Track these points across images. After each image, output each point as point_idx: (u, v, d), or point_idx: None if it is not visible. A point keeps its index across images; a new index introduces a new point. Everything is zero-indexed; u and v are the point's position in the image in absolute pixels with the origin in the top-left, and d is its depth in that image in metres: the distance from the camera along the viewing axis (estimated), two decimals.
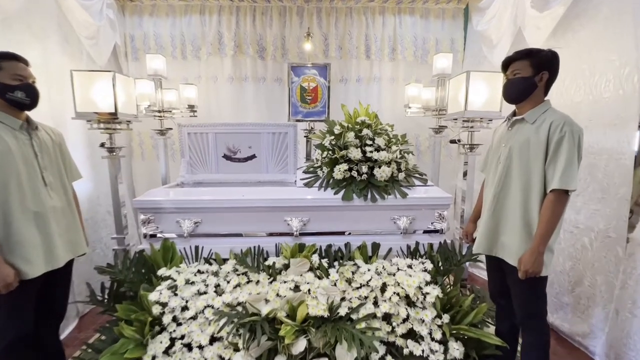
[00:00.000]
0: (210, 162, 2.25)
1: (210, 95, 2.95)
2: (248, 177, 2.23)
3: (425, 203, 1.79)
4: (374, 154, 1.83)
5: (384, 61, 2.99)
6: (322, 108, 2.67)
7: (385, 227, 1.81)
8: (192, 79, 2.94)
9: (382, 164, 1.82)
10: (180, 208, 1.73)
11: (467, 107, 1.71)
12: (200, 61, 2.94)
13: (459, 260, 1.70)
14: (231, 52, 2.89)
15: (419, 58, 3.04)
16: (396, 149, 1.89)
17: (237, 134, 2.23)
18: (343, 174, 1.80)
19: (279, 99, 2.97)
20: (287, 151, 2.26)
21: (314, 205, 1.75)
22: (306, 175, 1.94)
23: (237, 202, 1.74)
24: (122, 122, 1.77)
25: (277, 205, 1.74)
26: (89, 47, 2.34)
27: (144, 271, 1.69)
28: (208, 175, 2.24)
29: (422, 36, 3.04)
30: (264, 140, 2.24)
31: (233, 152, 2.26)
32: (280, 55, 2.96)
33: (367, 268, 1.62)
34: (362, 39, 2.96)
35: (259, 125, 2.23)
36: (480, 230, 1.35)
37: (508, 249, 1.25)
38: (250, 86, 2.95)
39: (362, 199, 1.75)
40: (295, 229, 1.75)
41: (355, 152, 1.83)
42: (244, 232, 1.77)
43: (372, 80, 3.01)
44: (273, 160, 2.27)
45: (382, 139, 1.91)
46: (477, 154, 1.93)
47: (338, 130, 1.98)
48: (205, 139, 2.22)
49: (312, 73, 2.66)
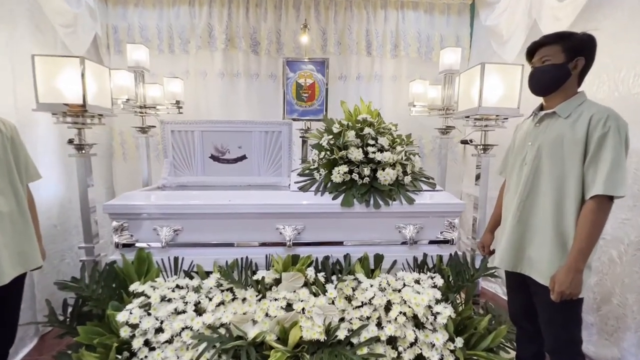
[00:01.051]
0: (195, 163, 2.08)
1: (198, 92, 2.78)
2: (237, 180, 2.06)
3: (434, 210, 1.63)
4: (377, 155, 1.67)
5: (385, 58, 2.85)
6: (319, 106, 2.51)
7: (389, 236, 1.65)
8: (179, 74, 2.77)
9: (385, 166, 1.66)
10: (158, 214, 1.56)
11: (481, 103, 1.55)
12: (188, 55, 2.78)
13: (472, 274, 1.53)
14: (222, 46, 2.73)
15: (423, 55, 2.90)
16: (401, 150, 1.74)
17: (225, 132, 2.07)
18: (342, 177, 1.63)
19: (274, 97, 2.81)
20: (280, 152, 2.09)
21: (310, 212, 1.59)
22: (301, 178, 1.77)
23: (222, 208, 1.57)
24: (94, 117, 1.59)
25: (268, 211, 1.57)
26: (65, 36, 2.17)
27: (114, 286, 1.51)
28: (193, 178, 2.06)
29: (426, 32, 2.91)
30: (255, 140, 2.08)
31: (221, 152, 2.09)
32: (275, 50, 2.81)
33: (369, 283, 1.45)
34: (362, 34, 2.82)
35: (250, 123, 2.06)
36: (502, 242, 1.19)
37: (537, 265, 1.09)
38: (242, 82, 2.79)
39: (363, 205, 1.59)
40: (288, 238, 1.57)
41: (356, 153, 1.67)
42: (230, 241, 1.59)
43: (373, 78, 2.86)
44: (265, 161, 2.10)
45: (386, 139, 1.75)
46: (491, 156, 1.77)
47: (337, 128, 1.82)
48: (190, 137, 2.05)
49: (309, 69, 2.51)
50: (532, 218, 1.10)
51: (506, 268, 1.18)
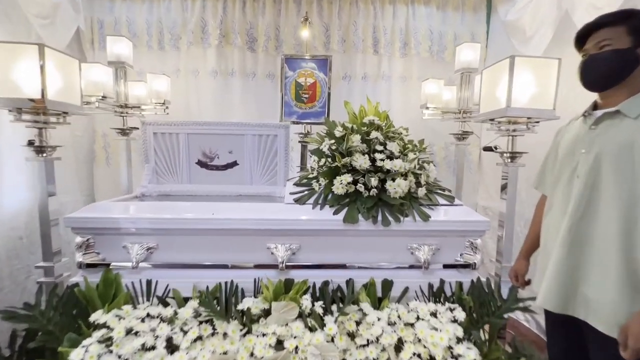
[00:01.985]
0: (180, 169, 1.89)
1: (189, 91, 2.61)
2: (227, 189, 1.87)
3: (452, 228, 1.42)
4: (386, 163, 1.46)
5: (394, 57, 2.67)
6: (320, 108, 2.32)
7: (399, 258, 1.44)
8: (169, 72, 2.59)
9: (396, 175, 1.45)
10: (129, 228, 1.35)
11: (510, 103, 1.35)
12: (179, 52, 2.61)
13: (499, 306, 1.31)
14: (216, 42, 2.56)
15: (435, 54, 2.72)
16: (414, 157, 1.53)
17: (214, 135, 1.88)
18: (345, 188, 1.43)
19: (271, 98, 2.62)
20: (276, 158, 1.90)
21: (307, 229, 1.38)
22: (297, 188, 1.56)
23: (204, 223, 1.36)
24: (59, 115, 1.40)
25: (258, 227, 1.37)
26: (41, 28, 2.00)
27: (75, 313, 1.30)
28: (177, 186, 1.87)
29: (439, 30, 2.73)
30: (248, 144, 1.88)
31: (209, 157, 1.90)
32: (274, 47, 2.63)
33: (376, 316, 1.24)
34: (369, 30, 2.64)
35: (242, 125, 1.87)
36: (547, 276, 0.97)
37: (596, 308, 0.87)
38: (237, 82, 2.61)
39: (370, 221, 1.38)
40: (280, 259, 1.36)
41: (362, 160, 1.47)
42: (213, 262, 1.39)
43: (380, 78, 2.67)
44: (259, 168, 1.90)
45: (396, 145, 1.55)
46: (519, 165, 1.56)
47: (340, 132, 1.62)
48: (174, 140, 1.87)
49: (310, 67, 2.32)
50: (589, 247, 0.88)
51: (553, 309, 0.96)
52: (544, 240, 1.03)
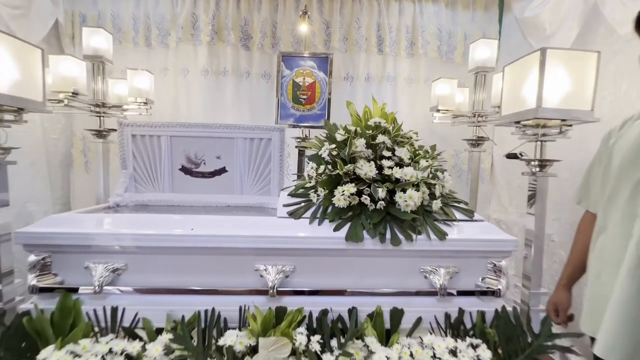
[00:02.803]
0: (162, 176, 1.71)
1: (178, 92, 2.44)
2: (214, 199, 1.69)
3: (473, 248, 1.24)
4: (395, 171, 1.29)
5: (400, 57, 2.51)
6: (320, 111, 2.16)
7: (411, 283, 1.25)
8: (156, 70, 2.43)
9: (407, 186, 1.28)
10: (93, 246, 1.17)
11: (541, 102, 1.17)
12: (168, 49, 2.45)
13: (530, 342, 1.12)
14: (207, 39, 2.40)
15: (444, 55, 2.57)
16: (427, 165, 1.35)
17: (201, 138, 1.71)
18: (348, 200, 1.25)
19: (266, 100, 2.46)
20: (270, 165, 1.73)
21: (303, 248, 1.20)
22: (292, 200, 1.38)
23: (182, 240, 1.18)
24: (17, 112, 1.22)
25: (244, 245, 1.18)
26: (11, 18, 1.84)
27: (24, 347, 1.11)
28: (157, 195, 1.69)
29: (448, 29, 2.58)
30: (238, 148, 1.72)
31: (195, 163, 1.72)
32: (270, 45, 2.47)
33: (384, 355, 1.05)
34: (373, 28, 2.49)
35: (232, 128, 1.70)
36: (611, 317, 0.78)
37: None
38: (229, 82, 2.45)
39: (376, 239, 1.20)
40: (271, 283, 1.18)
41: (367, 168, 1.29)
42: (191, 286, 1.20)
43: (385, 79, 2.52)
44: (250, 176, 1.73)
45: (406, 150, 1.38)
46: (550, 175, 1.38)
47: (342, 136, 1.44)
48: (156, 144, 1.70)
49: (309, 65, 2.16)
50: None
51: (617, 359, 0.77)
52: (596, 268, 0.86)
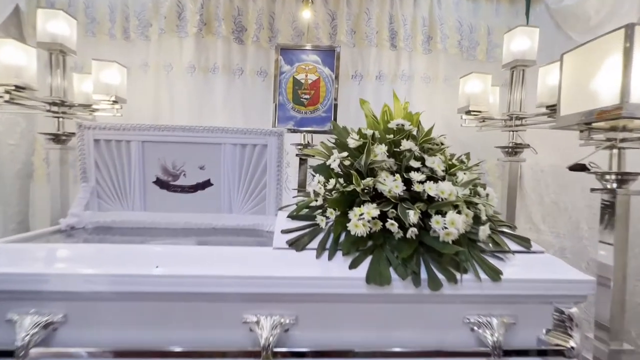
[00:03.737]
0: (131, 191, 1.43)
1: (160, 91, 2.17)
2: (195, 220, 1.41)
3: (536, 291, 0.95)
4: (429, 186, 1.01)
5: (416, 52, 2.26)
6: (325, 113, 1.88)
7: (452, 338, 0.96)
8: (135, 67, 2.16)
9: (445, 207, 0.99)
10: (16, 291, 0.87)
11: (629, 96, 0.89)
12: (149, 42, 2.19)
13: None
14: (194, 30, 2.14)
15: (465, 51, 2.32)
16: (468, 179, 1.07)
17: (180, 144, 1.44)
18: (368, 226, 0.96)
19: (263, 101, 2.20)
20: (265, 177, 1.45)
21: (307, 293, 0.91)
22: (294, 224, 1.10)
23: (143, 282, 0.88)
24: None
25: (229, 289, 0.89)
26: None
27: None
28: (125, 215, 1.40)
29: (469, 22, 2.34)
30: (227, 157, 1.44)
31: (172, 175, 1.44)
32: (267, 38, 2.21)
33: None
34: (384, 20, 2.24)
35: (219, 132, 1.43)
36: None
37: None
38: (220, 80, 2.19)
39: (408, 280, 0.90)
40: (265, 341, 0.88)
41: (392, 183, 1.01)
42: (156, 346, 0.90)
43: (398, 78, 2.26)
44: (241, 191, 1.46)
45: (439, 159, 1.10)
46: (635, 193, 1.09)
47: (356, 141, 1.17)
48: (124, 150, 1.42)
49: (312, 60, 1.90)
50: None
51: None
52: None
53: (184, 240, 1.35)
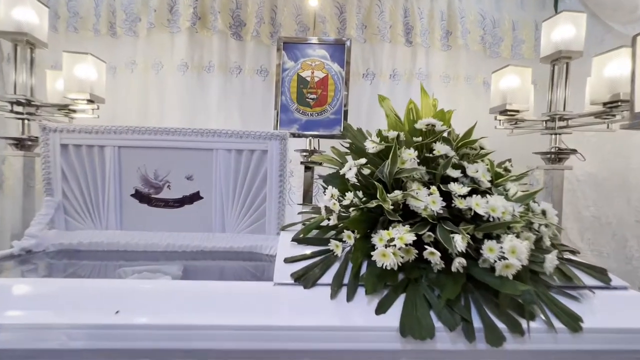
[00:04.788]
0: (105, 205, 1.23)
1: (148, 92, 1.98)
2: (182, 241, 1.19)
3: (627, 345, 0.71)
4: (475, 202, 0.79)
5: (434, 49, 2.06)
6: (334, 115, 1.68)
7: None
8: (122, 65, 1.97)
9: (498, 228, 0.77)
10: None
11: None
12: (137, 38, 2.00)
13: None
14: (187, 25, 1.95)
15: (488, 48, 2.11)
16: (525, 194, 0.86)
17: (164, 149, 1.23)
18: (400, 255, 0.74)
19: (263, 102, 2.00)
20: (264, 188, 1.24)
21: (318, 350, 0.67)
22: (300, 250, 0.88)
23: (93, 334, 0.66)
24: None
25: (211, 345, 0.66)
26: None
27: None
28: (96, 235, 1.19)
29: (492, 16, 2.13)
30: (219, 165, 1.24)
31: (155, 186, 1.24)
32: (268, 33, 2.02)
33: None
34: (398, 13, 2.04)
35: (211, 135, 1.23)
36: None
37: None
38: (215, 80, 1.99)
39: (458, 331, 0.67)
40: None
41: (428, 198, 0.79)
42: None
43: (415, 77, 2.05)
44: (236, 205, 1.25)
45: (484, 167, 0.90)
46: None
47: (376, 146, 0.96)
48: (98, 157, 1.22)
49: (319, 55, 1.71)
50: None
51: None
52: None
53: (167, 266, 1.13)
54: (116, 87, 1.97)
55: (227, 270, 1.19)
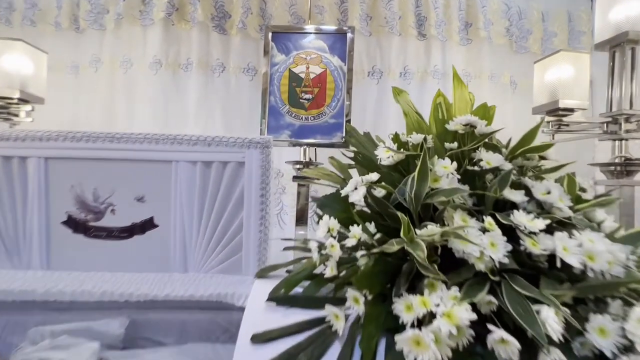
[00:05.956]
0: (27, 236, 0.94)
1: (115, 94, 1.71)
2: (124, 289, 0.88)
3: None
4: (563, 245, 0.47)
5: (451, 42, 1.78)
6: (334, 119, 1.40)
7: None
8: (85, 64, 1.70)
9: (607, 291, 0.45)
10: None
11: None
12: (104, 33, 1.73)
13: None
14: (162, 15, 1.68)
15: (515, 41, 1.84)
16: (633, 232, 0.55)
17: (107, 162, 0.94)
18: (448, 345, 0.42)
19: (250, 105, 1.72)
20: (240, 212, 0.95)
21: None
22: (280, 318, 0.56)
23: None
24: None
25: None
26: None
27: None
28: (9, 278, 0.89)
29: (518, 6, 1.86)
30: (180, 181, 0.95)
31: (94, 210, 0.95)
32: (257, 26, 1.76)
33: None
34: (409, 2, 1.78)
35: (169, 142, 0.95)
36: None
37: None
38: (194, 79, 1.72)
39: None
40: None
41: (484, 237, 0.48)
42: None
43: (429, 75, 1.77)
44: (202, 236, 0.96)
45: (559, 187, 0.60)
46: None
47: (394, 155, 0.66)
48: (17, 172, 0.93)
49: (316, 47, 1.44)
50: None
51: None
52: None
53: (103, 322, 0.84)
54: (79, 89, 1.70)
55: (191, 326, 0.89)
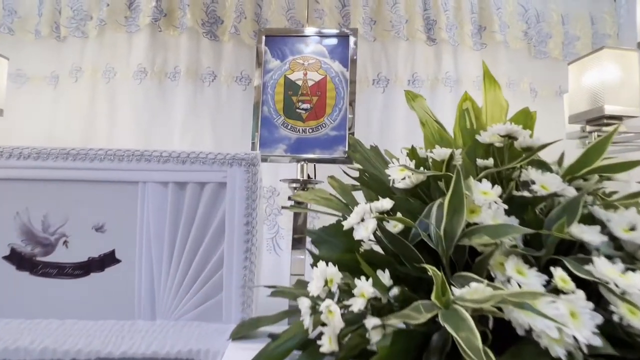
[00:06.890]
0: None
1: (96, 106, 1.58)
2: (81, 343, 0.70)
3: None
4: None
5: (464, 47, 1.65)
6: (336, 131, 1.25)
7: None
8: (65, 74, 1.58)
9: None
10: None
11: None
12: (86, 41, 1.62)
13: None
14: (148, 21, 1.56)
15: (534, 45, 1.70)
16: None
17: (59, 182, 0.78)
18: None
19: (243, 117, 1.59)
20: (221, 244, 0.78)
21: None
22: None
23: None
24: None
25: None
26: None
27: None
28: None
29: (535, 8, 1.73)
30: (148, 207, 0.78)
31: (42, 242, 0.79)
32: (250, 32, 1.63)
33: None
34: (417, 4, 1.65)
35: (134, 160, 0.78)
36: None
37: None
38: (182, 89, 1.59)
39: None
40: None
41: (547, 301, 0.31)
42: None
43: (441, 82, 1.63)
44: (173, 273, 0.78)
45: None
46: None
47: (407, 178, 0.49)
48: None
49: (315, 52, 1.30)
50: None
51: None
52: None
53: None
54: (58, 100, 1.58)
55: None
